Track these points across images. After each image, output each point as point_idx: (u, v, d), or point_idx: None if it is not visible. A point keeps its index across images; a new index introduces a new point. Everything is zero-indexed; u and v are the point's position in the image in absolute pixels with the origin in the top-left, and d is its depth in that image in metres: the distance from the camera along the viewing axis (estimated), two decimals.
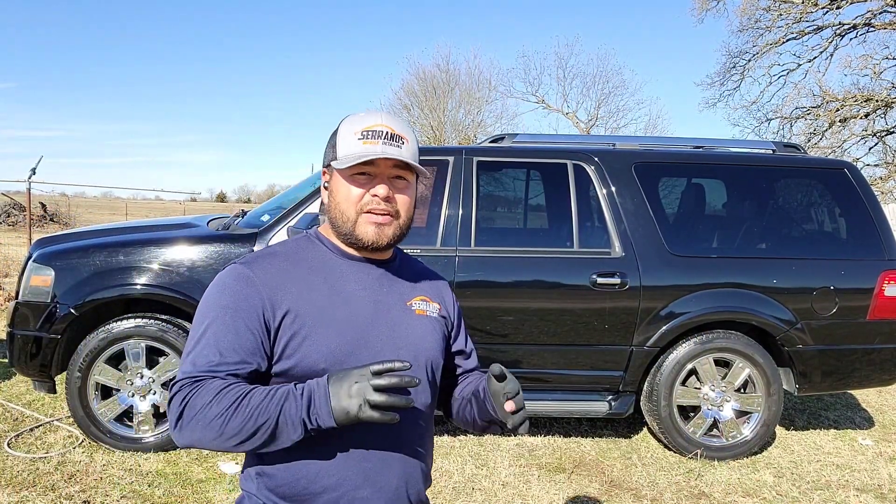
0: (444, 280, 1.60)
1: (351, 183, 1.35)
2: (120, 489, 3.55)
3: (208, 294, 1.35)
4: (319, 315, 1.33)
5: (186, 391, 1.23)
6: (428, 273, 1.57)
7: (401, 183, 1.37)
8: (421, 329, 1.44)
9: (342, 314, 1.34)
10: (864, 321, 4.24)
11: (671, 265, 4.16)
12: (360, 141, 1.34)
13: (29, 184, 11.91)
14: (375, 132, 1.33)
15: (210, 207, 59.13)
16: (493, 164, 4.44)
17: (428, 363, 1.43)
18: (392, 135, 1.34)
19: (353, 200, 1.35)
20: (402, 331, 1.41)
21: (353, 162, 1.31)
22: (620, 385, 4.26)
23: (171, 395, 1.25)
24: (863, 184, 4.43)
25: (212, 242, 4.05)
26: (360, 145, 1.33)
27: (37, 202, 25.95)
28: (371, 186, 1.34)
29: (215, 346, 1.27)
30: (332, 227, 1.41)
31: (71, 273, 3.95)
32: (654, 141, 5.05)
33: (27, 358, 3.99)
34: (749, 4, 19.48)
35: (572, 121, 26.57)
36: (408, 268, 1.51)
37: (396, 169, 1.36)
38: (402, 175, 1.37)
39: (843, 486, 3.99)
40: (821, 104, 19.04)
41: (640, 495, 3.76)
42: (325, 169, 1.43)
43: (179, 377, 1.26)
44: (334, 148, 1.38)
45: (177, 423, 1.23)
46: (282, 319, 1.31)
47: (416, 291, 1.48)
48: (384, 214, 1.34)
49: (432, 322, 1.47)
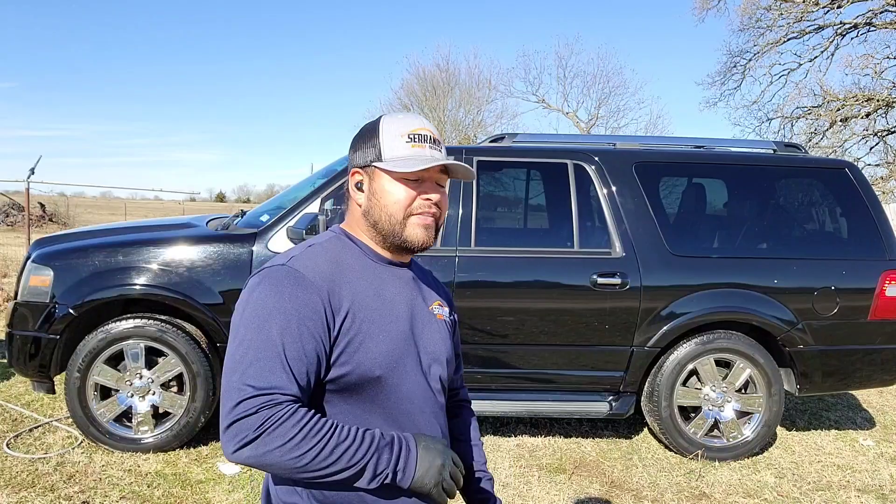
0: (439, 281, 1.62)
1: (404, 185, 1.34)
2: (119, 490, 3.54)
3: (261, 297, 1.27)
4: (371, 319, 1.31)
5: (267, 414, 1.16)
6: (432, 276, 1.59)
7: (441, 187, 1.39)
8: (441, 333, 1.47)
9: (389, 318, 1.34)
10: (865, 321, 4.23)
11: (672, 265, 4.15)
12: (409, 144, 1.34)
13: (28, 184, 11.90)
14: (421, 136, 1.36)
15: (209, 207, 59.06)
16: (494, 164, 4.43)
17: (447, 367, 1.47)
18: (434, 139, 1.38)
19: (403, 203, 1.34)
20: (431, 336, 1.43)
21: (417, 167, 1.31)
22: (621, 385, 4.25)
23: (244, 413, 1.17)
24: (864, 183, 4.42)
25: (211, 242, 4.04)
26: (409, 148, 1.34)
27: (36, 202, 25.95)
28: (421, 190, 1.35)
29: (282, 357, 1.22)
30: (370, 228, 1.38)
31: (70, 273, 3.94)
32: (655, 141, 5.03)
33: (26, 358, 3.98)
34: (750, 4, 19.48)
35: (572, 120, 26.57)
36: (419, 270, 1.52)
37: (441, 174, 1.38)
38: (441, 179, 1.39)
39: (844, 486, 3.98)
40: (822, 104, 19.04)
41: (640, 496, 3.75)
42: (360, 170, 1.39)
43: (249, 393, 1.18)
44: (375, 148, 1.35)
45: (249, 443, 1.16)
46: (342, 323, 1.28)
47: (433, 296, 1.51)
48: (431, 217, 1.36)
49: (447, 326, 1.51)
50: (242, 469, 3.86)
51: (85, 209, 34.15)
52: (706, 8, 21.00)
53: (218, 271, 3.98)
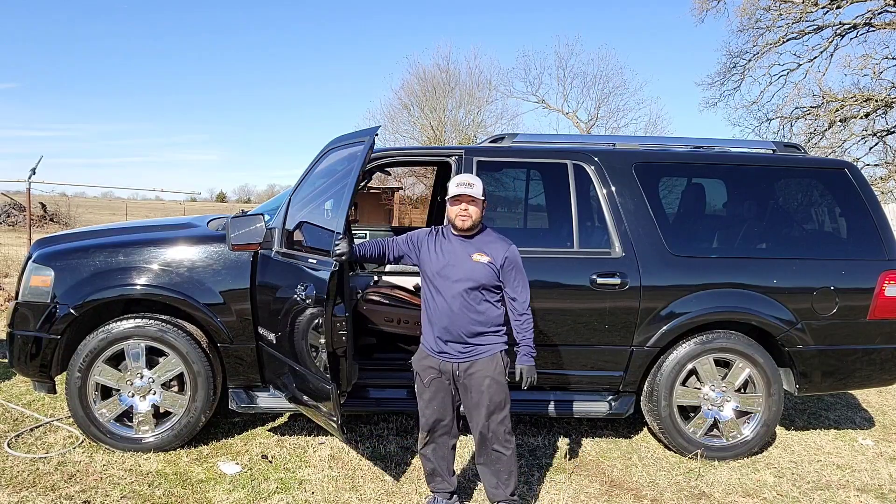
0: (507, 245, 3.21)
1: (451, 204, 3.21)
2: (120, 489, 3.55)
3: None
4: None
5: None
6: (492, 242, 3.22)
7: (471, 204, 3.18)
8: (472, 266, 3.17)
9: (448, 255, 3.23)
10: (864, 321, 4.23)
11: (671, 265, 4.16)
12: (457, 188, 3.20)
13: (29, 184, 11.92)
14: (461, 183, 3.20)
15: (210, 207, 59.12)
16: (494, 164, 4.44)
17: (470, 280, 3.15)
18: (467, 183, 3.20)
19: (456, 212, 3.19)
20: (465, 264, 3.17)
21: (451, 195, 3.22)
22: (620, 385, 4.26)
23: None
24: (863, 184, 4.43)
25: (211, 243, 4.05)
26: (455, 188, 3.20)
27: (37, 202, 25.96)
28: (459, 204, 3.18)
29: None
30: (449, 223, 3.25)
31: (71, 273, 3.95)
32: (655, 141, 5.03)
33: (27, 358, 3.99)
34: (749, 4, 19.48)
35: (572, 121, 26.57)
36: (481, 240, 3.23)
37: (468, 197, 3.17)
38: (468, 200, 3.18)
39: (843, 486, 3.98)
40: (821, 104, 19.03)
41: (640, 495, 3.76)
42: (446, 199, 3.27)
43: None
44: (447, 191, 3.27)
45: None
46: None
47: (477, 250, 3.20)
48: (465, 217, 3.17)
49: (481, 265, 3.16)
50: (243, 468, 3.86)
51: (86, 209, 34.14)
52: (705, 9, 21.00)
53: (218, 271, 3.99)
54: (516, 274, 3.19)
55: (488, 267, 3.15)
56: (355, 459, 4.07)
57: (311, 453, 4.13)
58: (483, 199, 3.20)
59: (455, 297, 3.16)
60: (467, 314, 3.15)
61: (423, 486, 3.70)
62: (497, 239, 3.24)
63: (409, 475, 3.88)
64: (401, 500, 3.59)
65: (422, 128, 25.94)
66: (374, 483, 3.76)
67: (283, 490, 3.63)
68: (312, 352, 3.50)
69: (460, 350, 3.19)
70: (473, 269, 3.15)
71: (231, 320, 4.00)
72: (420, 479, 3.79)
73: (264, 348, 4.03)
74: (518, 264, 3.21)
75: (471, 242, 3.22)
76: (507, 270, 3.17)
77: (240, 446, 4.21)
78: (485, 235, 3.25)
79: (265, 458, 4.03)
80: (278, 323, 3.81)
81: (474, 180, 3.22)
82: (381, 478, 3.83)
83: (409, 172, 24.15)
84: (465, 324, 3.16)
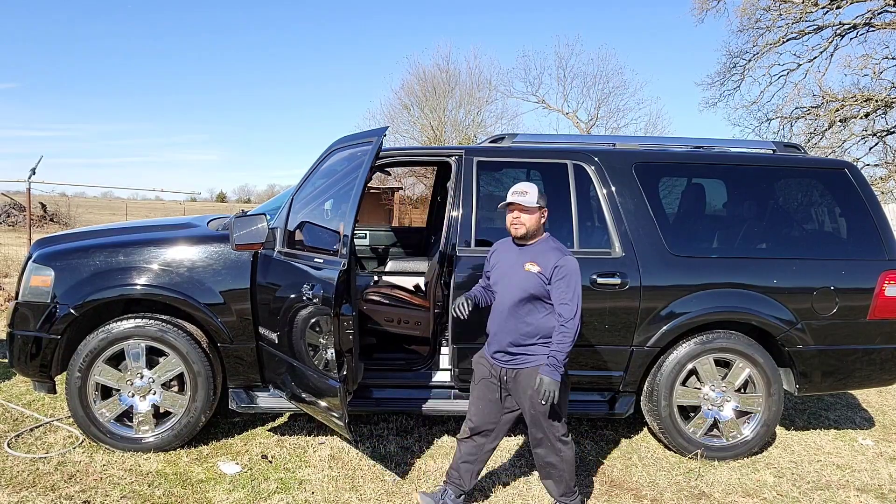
0: (560, 255, 3.14)
1: (507, 212, 3.26)
2: (120, 489, 3.55)
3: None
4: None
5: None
6: (545, 252, 3.18)
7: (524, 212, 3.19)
8: (524, 276, 3.17)
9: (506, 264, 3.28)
10: (864, 321, 4.23)
11: (671, 265, 4.16)
12: (509, 195, 3.20)
13: (29, 184, 11.91)
14: (514, 192, 3.21)
15: (210, 207, 59.11)
16: (494, 164, 4.44)
17: (520, 290, 3.17)
18: (520, 191, 3.19)
19: (509, 220, 3.24)
20: (517, 274, 3.19)
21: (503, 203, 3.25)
22: (621, 385, 4.26)
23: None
24: (863, 184, 4.43)
25: (212, 243, 4.05)
26: (508, 196, 3.20)
27: (37, 202, 25.96)
28: (511, 213, 3.22)
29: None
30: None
31: (71, 273, 3.95)
32: (655, 141, 5.03)
33: (27, 358, 3.99)
34: (749, 4, 19.46)
35: (572, 121, 26.55)
36: (535, 249, 3.22)
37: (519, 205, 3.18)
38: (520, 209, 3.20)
39: (843, 486, 3.98)
40: (821, 104, 19.02)
41: (640, 495, 3.76)
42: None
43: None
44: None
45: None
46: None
47: (530, 259, 3.18)
48: (518, 226, 3.21)
49: (531, 275, 3.15)
50: (243, 468, 3.87)
51: (86, 209, 34.15)
52: (705, 9, 20.97)
53: (218, 271, 3.99)
54: (564, 285, 3.10)
55: (538, 277, 3.13)
56: (355, 459, 4.07)
57: (311, 453, 4.13)
58: (539, 206, 3.17)
59: (507, 305, 3.20)
60: (515, 324, 3.19)
61: (423, 486, 3.70)
62: (552, 248, 3.18)
63: (409, 475, 3.88)
64: (401, 500, 3.59)
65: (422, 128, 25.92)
66: (374, 483, 3.76)
67: (283, 490, 3.63)
68: (316, 350, 3.50)
69: (504, 360, 3.26)
70: (525, 278, 3.15)
71: (231, 320, 4.00)
72: (420, 479, 3.79)
73: (265, 348, 4.03)
74: (568, 275, 3.11)
75: (527, 251, 3.21)
76: (555, 281, 3.11)
77: (240, 446, 4.21)
78: (542, 244, 3.22)
79: (265, 458, 4.03)
80: (281, 322, 3.81)
81: (528, 188, 3.17)
82: (381, 478, 3.83)
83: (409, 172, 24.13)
84: (510, 333, 3.20)
